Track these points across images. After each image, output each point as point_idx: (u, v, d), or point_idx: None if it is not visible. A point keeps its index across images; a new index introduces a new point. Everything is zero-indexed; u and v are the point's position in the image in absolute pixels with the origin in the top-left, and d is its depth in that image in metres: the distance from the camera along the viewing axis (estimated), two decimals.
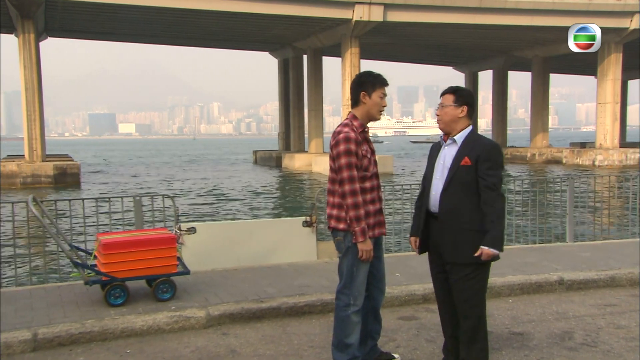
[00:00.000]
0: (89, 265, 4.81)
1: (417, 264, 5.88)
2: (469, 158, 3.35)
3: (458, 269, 3.41)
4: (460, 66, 53.77)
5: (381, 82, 3.52)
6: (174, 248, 4.85)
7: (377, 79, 3.52)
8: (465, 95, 3.45)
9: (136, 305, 4.68)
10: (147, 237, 4.83)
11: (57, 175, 30.09)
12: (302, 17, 33.41)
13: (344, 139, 3.39)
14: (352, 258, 3.49)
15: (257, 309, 4.72)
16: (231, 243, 6.13)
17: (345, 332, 3.51)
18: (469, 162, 3.34)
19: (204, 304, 4.75)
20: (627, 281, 5.57)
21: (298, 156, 40.60)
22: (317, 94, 41.85)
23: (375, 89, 3.50)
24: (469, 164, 3.34)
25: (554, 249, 6.76)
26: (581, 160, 39.63)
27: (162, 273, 4.76)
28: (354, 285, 3.50)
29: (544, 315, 4.77)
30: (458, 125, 3.45)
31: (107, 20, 35.47)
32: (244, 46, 48.30)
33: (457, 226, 3.37)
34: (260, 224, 6.71)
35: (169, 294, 4.78)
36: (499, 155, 3.39)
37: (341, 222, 3.48)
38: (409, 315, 4.84)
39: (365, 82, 3.51)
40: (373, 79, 3.51)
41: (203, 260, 5.91)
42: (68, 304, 4.71)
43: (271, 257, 6.15)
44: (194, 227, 6.01)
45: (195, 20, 35.02)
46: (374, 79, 3.51)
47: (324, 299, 4.91)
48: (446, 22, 34.62)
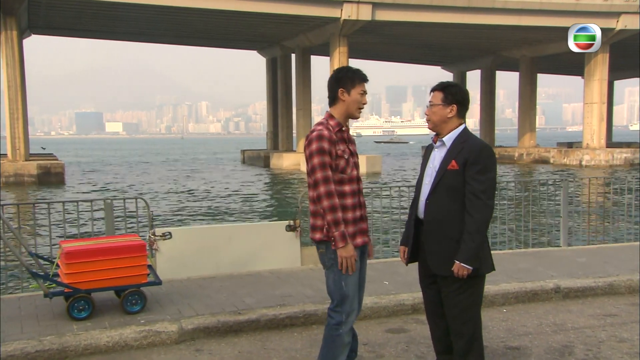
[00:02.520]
0: (51, 275, 4.43)
1: (405, 271, 5.57)
2: (456, 161, 3.04)
3: (447, 282, 3.10)
4: (449, 66, 53.76)
5: (360, 77, 3.19)
6: (144, 256, 4.48)
7: (356, 74, 3.19)
8: (455, 93, 3.12)
9: (102, 318, 4.31)
10: (114, 244, 4.46)
11: (41, 175, 29.50)
12: (290, 15, 33.09)
13: (316, 137, 3.07)
14: (338, 272, 3.15)
15: (234, 322, 4.38)
16: (209, 249, 5.76)
17: (334, 354, 3.17)
18: (456, 165, 3.03)
19: (176, 316, 4.39)
20: (626, 289, 5.30)
21: (286, 155, 40.27)
22: (306, 93, 41.58)
23: (354, 85, 3.17)
24: (456, 168, 3.03)
25: (548, 253, 6.49)
26: (568, 160, 39.71)
27: (130, 283, 4.39)
28: (345, 301, 3.16)
29: (540, 327, 4.48)
30: (448, 125, 3.13)
31: (92, 17, 34.90)
32: (232, 44, 47.85)
33: (442, 235, 3.06)
34: (240, 229, 6.35)
35: (139, 306, 4.41)
36: (490, 157, 3.04)
37: (317, 231, 3.16)
38: (398, 328, 4.52)
39: (344, 78, 3.18)
40: (352, 74, 3.18)
41: (178, 268, 5.55)
42: (27, 318, 4.32)
43: (252, 264, 5.80)
44: (170, 232, 5.64)
45: (182, 18, 34.56)
46: (353, 75, 3.18)
47: (307, 310, 4.58)
48: (434, 21, 34.54)
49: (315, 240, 3.17)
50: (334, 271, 3.15)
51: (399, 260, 6.17)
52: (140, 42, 50.24)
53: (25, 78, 32.33)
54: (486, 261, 3.09)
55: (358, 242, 3.18)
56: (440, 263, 3.09)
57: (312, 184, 3.08)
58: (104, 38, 46.74)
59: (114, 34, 43.75)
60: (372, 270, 5.77)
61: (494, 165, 3.05)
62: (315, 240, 3.17)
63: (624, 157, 38.66)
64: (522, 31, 37.75)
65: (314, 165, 3.05)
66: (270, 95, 47.54)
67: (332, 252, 3.12)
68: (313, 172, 3.06)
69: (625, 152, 39.66)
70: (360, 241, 3.20)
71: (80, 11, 33.22)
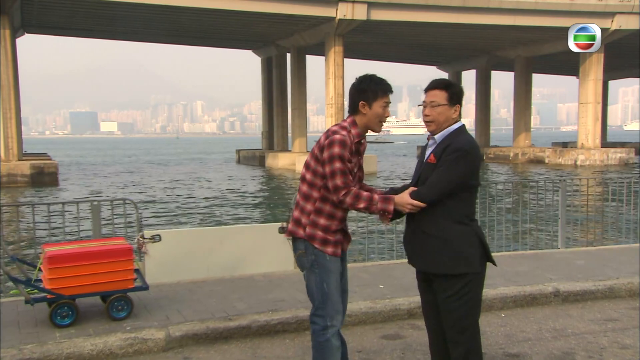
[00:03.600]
0: (33, 281, 4.26)
1: (401, 274, 5.44)
2: (434, 155, 2.92)
3: (443, 286, 2.96)
4: (444, 66, 53.69)
5: (384, 90, 3.02)
6: (131, 260, 4.32)
7: (379, 86, 3.01)
8: (458, 92, 2.99)
9: (86, 325, 4.15)
10: (99, 248, 4.30)
11: (34, 175, 29.17)
12: (285, 15, 32.91)
13: (340, 141, 2.93)
14: (319, 273, 3.04)
15: (224, 328, 4.23)
16: (200, 252, 5.61)
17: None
18: (434, 159, 2.92)
19: (164, 323, 4.24)
20: (627, 292, 5.18)
21: (282, 155, 40.08)
22: (301, 92, 41.39)
23: (376, 98, 3.00)
24: (433, 162, 2.91)
25: (546, 256, 6.37)
26: (563, 160, 39.72)
27: (116, 289, 4.24)
28: (328, 304, 3.04)
29: (540, 332, 4.35)
30: (450, 126, 2.98)
31: (85, 16, 34.63)
32: (226, 44, 47.59)
33: (420, 232, 2.96)
34: (232, 231, 6.19)
35: (125, 312, 4.26)
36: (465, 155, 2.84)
37: (300, 227, 3.05)
38: (393, 334, 4.38)
39: (366, 90, 3.00)
40: (375, 86, 3.00)
41: (168, 272, 5.40)
42: (8, 325, 4.15)
43: (244, 267, 5.64)
44: (159, 235, 5.48)
45: (177, 17, 34.33)
46: (376, 87, 3.00)
47: (300, 316, 4.43)
48: (430, 21, 34.44)
49: (297, 236, 3.07)
50: (314, 272, 3.06)
51: (395, 263, 6.04)
52: (134, 42, 49.98)
53: (19, 77, 32.02)
54: (472, 260, 2.91)
55: (338, 252, 3.10)
56: (423, 260, 3.00)
57: (332, 188, 2.95)
58: (98, 37, 46.42)
59: (108, 33, 43.44)
60: (367, 273, 5.64)
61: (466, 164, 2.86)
62: (297, 236, 3.07)
63: (619, 157, 38.73)
64: (517, 31, 37.72)
65: (334, 170, 2.93)
66: (266, 94, 47.33)
67: (312, 252, 3.03)
68: (333, 177, 2.94)
69: (619, 152, 39.71)
70: (340, 251, 3.12)
71: (73, 10, 32.94)
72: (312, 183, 3.03)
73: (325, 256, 3.03)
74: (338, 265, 3.10)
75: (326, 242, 3.03)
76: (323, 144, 2.98)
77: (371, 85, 3.01)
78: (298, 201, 3.10)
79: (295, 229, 3.07)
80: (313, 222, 3.03)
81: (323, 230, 3.02)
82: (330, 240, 3.03)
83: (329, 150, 2.94)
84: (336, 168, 2.92)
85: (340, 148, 2.92)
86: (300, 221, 3.05)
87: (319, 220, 3.02)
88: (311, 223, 3.03)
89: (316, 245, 3.02)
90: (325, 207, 3.02)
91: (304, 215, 3.05)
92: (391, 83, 3.12)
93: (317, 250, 3.02)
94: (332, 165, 2.93)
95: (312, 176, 3.03)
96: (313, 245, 3.02)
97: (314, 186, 3.02)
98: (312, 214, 3.03)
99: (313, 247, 3.02)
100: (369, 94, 3.00)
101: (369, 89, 3.01)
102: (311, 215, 3.03)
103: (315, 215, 3.03)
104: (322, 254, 3.03)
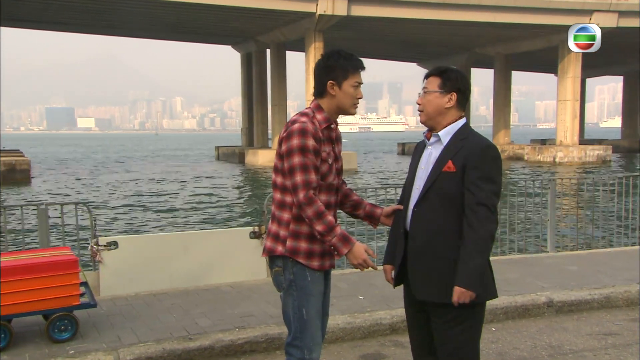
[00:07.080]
0: None
1: (383, 284, 4.96)
2: (453, 162, 2.46)
3: (439, 311, 2.52)
4: (425, 62, 53.63)
5: (354, 66, 2.57)
6: (76, 274, 3.81)
7: (349, 62, 2.56)
8: (455, 79, 2.54)
9: (23, 349, 3.62)
10: (40, 260, 3.77)
11: (5, 172, 28.13)
12: (265, 10, 32.35)
13: (298, 130, 2.46)
14: (298, 296, 2.56)
15: (183, 349, 3.74)
16: (161, 260, 5.10)
17: None
18: (453, 167, 2.45)
19: (114, 344, 3.73)
20: (624, 301, 4.82)
21: (261, 152, 39.46)
22: (281, 88, 40.90)
23: (347, 76, 2.55)
24: (453, 171, 2.45)
25: (536, 261, 5.99)
26: (542, 157, 39.88)
27: (59, 306, 3.72)
28: (306, 334, 2.56)
29: (535, 349, 3.95)
30: (445, 118, 2.55)
31: (60, 9, 33.60)
32: (205, 39, 46.79)
33: (431, 253, 2.48)
34: (197, 236, 5.68)
35: (69, 333, 3.74)
36: (495, 160, 2.48)
37: (278, 243, 2.56)
38: (374, 353, 3.95)
39: (334, 67, 2.55)
40: (344, 62, 2.55)
41: (126, 283, 4.88)
42: None
43: (210, 277, 5.15)
44: (116, 242, 4.96)
45: (154, 11, 33.52)
46: (345, 63, 2.55)
47: (270, 334, 3.97)
48: (410, 17, 34.26)
49: (275, 253, 2.57)
50: (292, 295, 2.57)
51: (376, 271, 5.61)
52: (112, 36, 48.75)
53: None
54: (489, 286, 2.52)
55: (326, 264, 2.62)
56: (428, 287, 2.51)
57: (290, 186, 2.49)
58: (74, 31, 45.28)
59: (83, 27, 42.27)
60: (345, 283, 5.19)
61: (500, 170, 2.49)
62: (275, 253, 2.57)
63: (597, 154, 39.04)
64: (496, 28, 37.73)
65: (293, 166, 2.46)
66: (245, 90, 46.65)
67: (291, 271, 2.55)
68: (292, 173, 2.46)
69: (597, 149, 40.03)
70: (328, 264, 2.63)
71: (48, 3, 31.88)
72: (284, 187, 2.55)
73: (306, 276, 2.55)
74: (321, 285, 2.62)
75: (312, 255, 2.55)
76: (282, 137, 2.53)
77: (340, 61, 2.56)
78: (273, 212, 2.62)
79: (273, 246, 2.58)
80: (294, 233, 2.54)
81: (307, 240, 2.54)
82: (316, 252, 2.55)
83: (287, 143, 2.49)
84: (295, 163, 2.46)
85: (300, 138, 2.46)
86: (279, 235, 2.57)
87: (301, 229, 2.54)
88: (292, 234, 2.54)
89: (300, 260, 2.53)
90: None
91: (282, 227, 2.57)
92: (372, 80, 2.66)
93: (297, 267, 2.54)
94: (290, 160, 2.47)
95: (282, 179, 2.56)
96: (296, 260, 2.54)
97: (287, 190, 2.54)
98: (291, 223, 2.55)
99: (294, 263, 2.54)
100: (338, 72, 2.55)
101: (337, 65, 2.55)
102: (290, 225, 2.55)
103: (296, 224, 2.54)
104: (303, 273, 2.55)
